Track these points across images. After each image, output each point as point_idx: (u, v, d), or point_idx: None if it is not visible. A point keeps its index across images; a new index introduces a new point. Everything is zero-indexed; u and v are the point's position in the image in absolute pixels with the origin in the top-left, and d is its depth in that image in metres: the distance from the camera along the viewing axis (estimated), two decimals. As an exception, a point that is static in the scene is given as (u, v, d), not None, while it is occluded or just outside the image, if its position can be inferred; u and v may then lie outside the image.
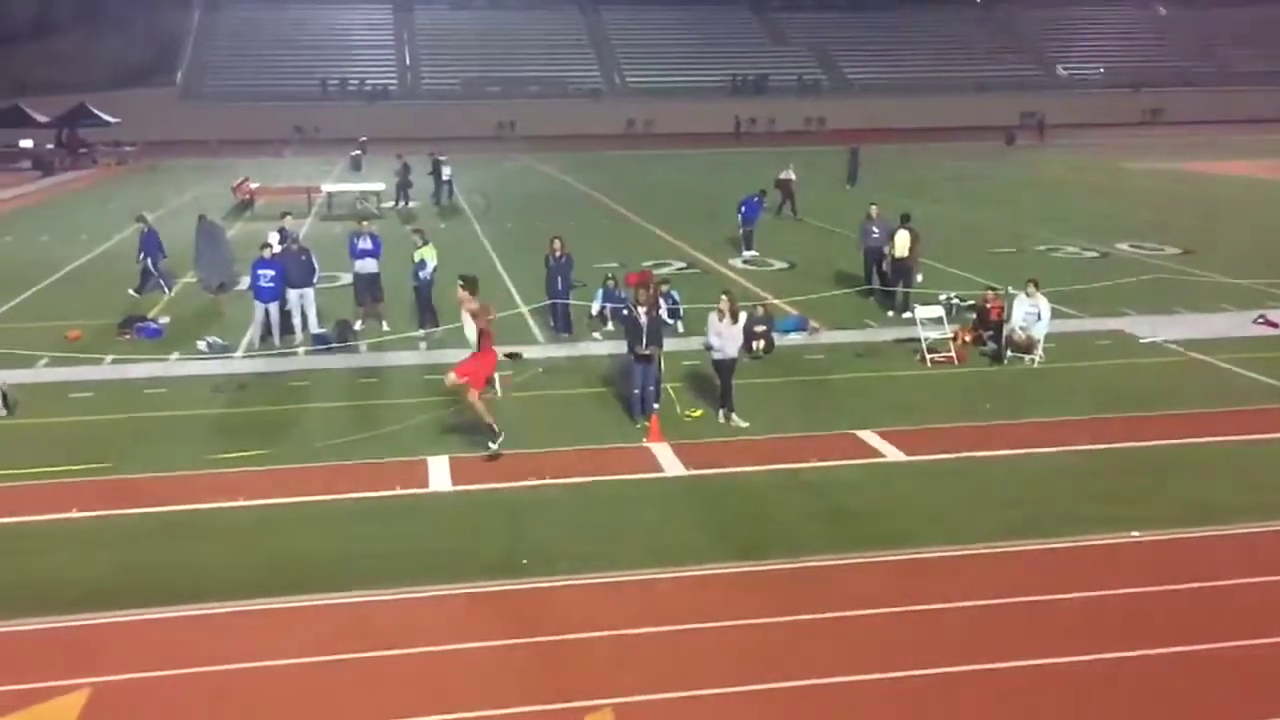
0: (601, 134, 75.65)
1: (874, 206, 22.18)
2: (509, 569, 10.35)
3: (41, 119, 60.65)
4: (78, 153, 58.87)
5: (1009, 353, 17.58)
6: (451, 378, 13.45)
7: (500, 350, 13.83)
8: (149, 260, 22.68)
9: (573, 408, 15.43)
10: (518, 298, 22.11)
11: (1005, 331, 17.75)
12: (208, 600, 9.69)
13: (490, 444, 13.21)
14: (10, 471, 12.83)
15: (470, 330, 13.53)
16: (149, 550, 10.83)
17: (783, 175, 34.98)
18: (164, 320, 20.33)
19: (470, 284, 13.67)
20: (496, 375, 14.18)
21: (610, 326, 19.37)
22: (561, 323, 19.33)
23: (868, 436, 14.00)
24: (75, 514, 11.65)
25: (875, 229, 21.72)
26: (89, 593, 9.83)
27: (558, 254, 19.21)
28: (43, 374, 17.03)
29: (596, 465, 13.07)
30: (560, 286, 19.19)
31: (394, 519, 11.61)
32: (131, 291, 22.46)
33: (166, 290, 22.78)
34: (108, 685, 8.32)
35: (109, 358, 17.93)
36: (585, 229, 31.17)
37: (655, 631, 9.22)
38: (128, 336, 19.37)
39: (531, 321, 20.11)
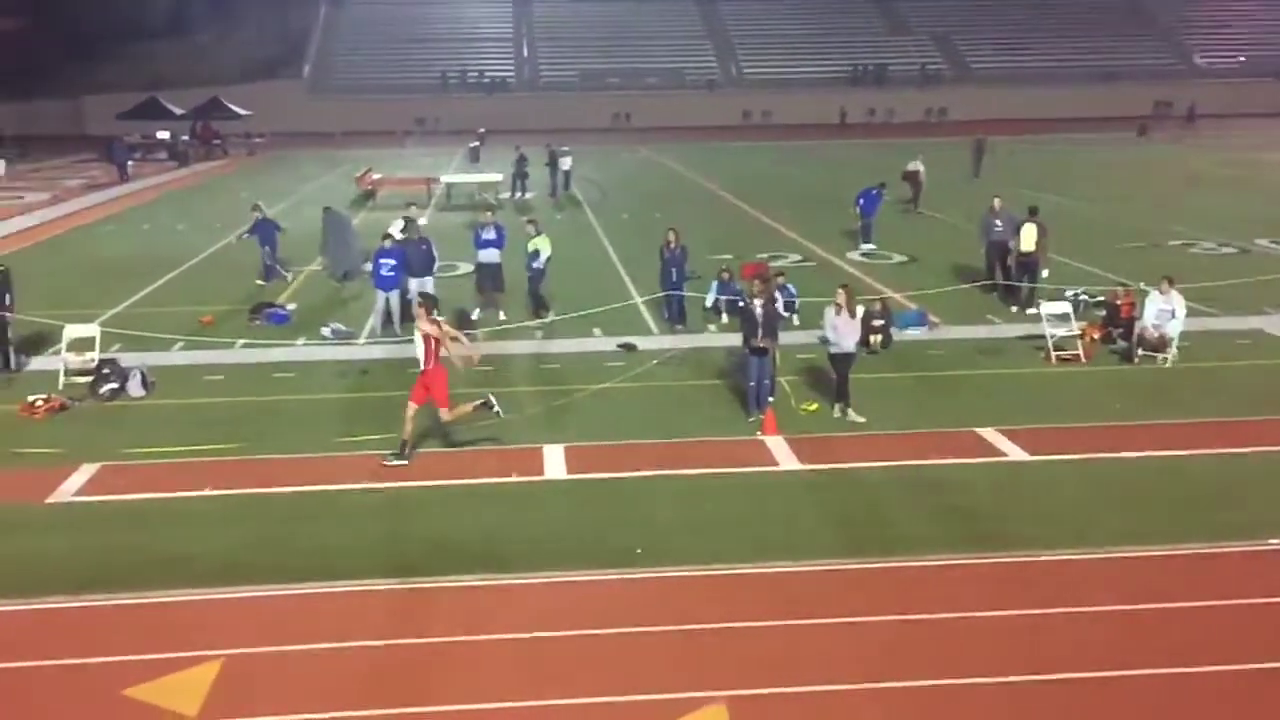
0: (717, 125, 75.38)
1: (997, 199, 21.62)
2: (622, 558, 10.39)
3: (177, 111, 63.15)
4: (210, 144, 61.07)
5: (1140, 351, 16.96)
6: (412, 408, 12.88)
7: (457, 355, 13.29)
8: (266, 248, 23.49)
9: (687, 399, 15.41)
10: (632, 289, 22.17)
11: (1136, 329, 17.14)
12: (334, 579, 9.95)
13: (391, 458, 12.78)
14: (149, 450, 13.38)
15: (420, 349, 12.94)
16: (277, 528, 11.18)
17: (910, 167, 34.19)
18: (291, 307, 20.95)
19: (430, 303, 13.28)
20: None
21: (725, 319, 19.30)
22: (676, 314, 19.32)
23: (990, 435, 13.66)
24: (209, 491, 12.09)
25: (998, 222, 21.16)
26: (221, 567, 10.19)
27: (673, 245, 19.21)
28: (178, 357, 17.71)
29: (710, 457, 13.03)
30: (675, 278, 19.18)
31: (511, 506, 11.76)
32: (259, 281, 23.23)
33: (284, 277, 23.48)
34: (238, 658, 8.62)
35: (239, 342, 18.55)
36: (700, 221, 31.09)
37: (767, 625, 9.16)
38: (257, 322, 20.03)
39: (646, 313, 20.15)
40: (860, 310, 15.36)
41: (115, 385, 15.66)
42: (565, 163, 39.95)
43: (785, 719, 7.92)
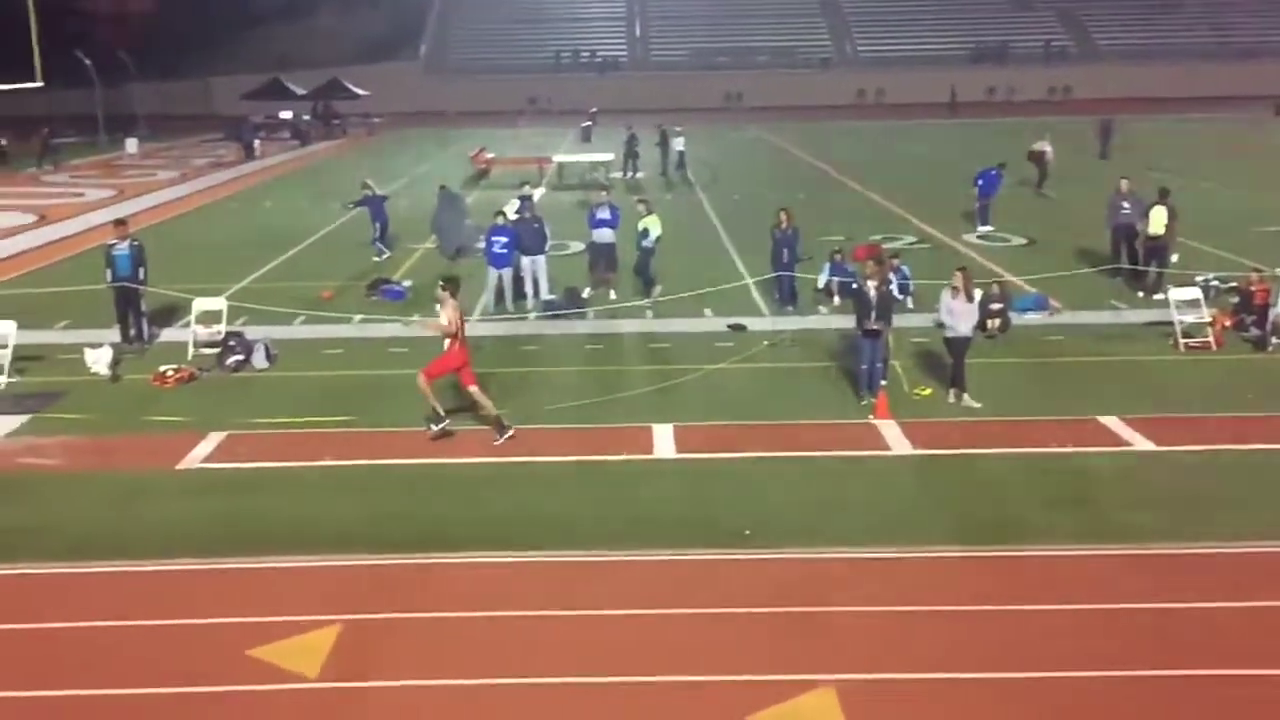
0: (830, 105, 74.34)
1: (1125, 181, 20.87)
2: (731, 539, 10.37)
3: (299, 92, 64.91)
4: (330, 124, 62.62)
5: (1275, 340, 16.23)
6: (474, 390, 13.08)
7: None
8: (376, 225, 24.00)
9: (797, 381, 15.28)
10: (743, 269, 22.05)
11: (1271, 317, 16.39)
12: (445, 549, 10.15)
13: (432, 425, 12.99)
14: (271, 419, 13.81)
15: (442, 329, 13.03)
16: (391, 499, 11.45)
17: (1036, 147, 33.08)
18: (407, 283, 21.35)
19: (453, 285, 13.28)
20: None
21: (836, 301, 19.06)
22: (787, 295, 19.15)
23: (1113, 423, 13.23)
24: (327, 461, 12.43)
25: (1126, 204, 20.43)
26: (340, 536, 10.48)
27: (784, 226, 19.02)
28: (299, 330, 18.23)
29: (821, 440, 12.91)
30: (786, 259, 19.00)
31: (620, 484, 11.83)
32: (376, 257, 23.75)
33: (381, 254, 23.96)
34: (356, 624, 8.85)
35: (357, 317, 19.00)
36: (812, 201, 30.74)
37: (877, 611, 9.05)
38: (374, 298, 20.49)
39: (756, 294, 20.02)
40: (978, 294, 15.01)
41: (240, 357, 16.20)
42: (679, 143, 39.85)
43: (894, 706, 7.82)
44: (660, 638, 8.69)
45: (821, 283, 19.55)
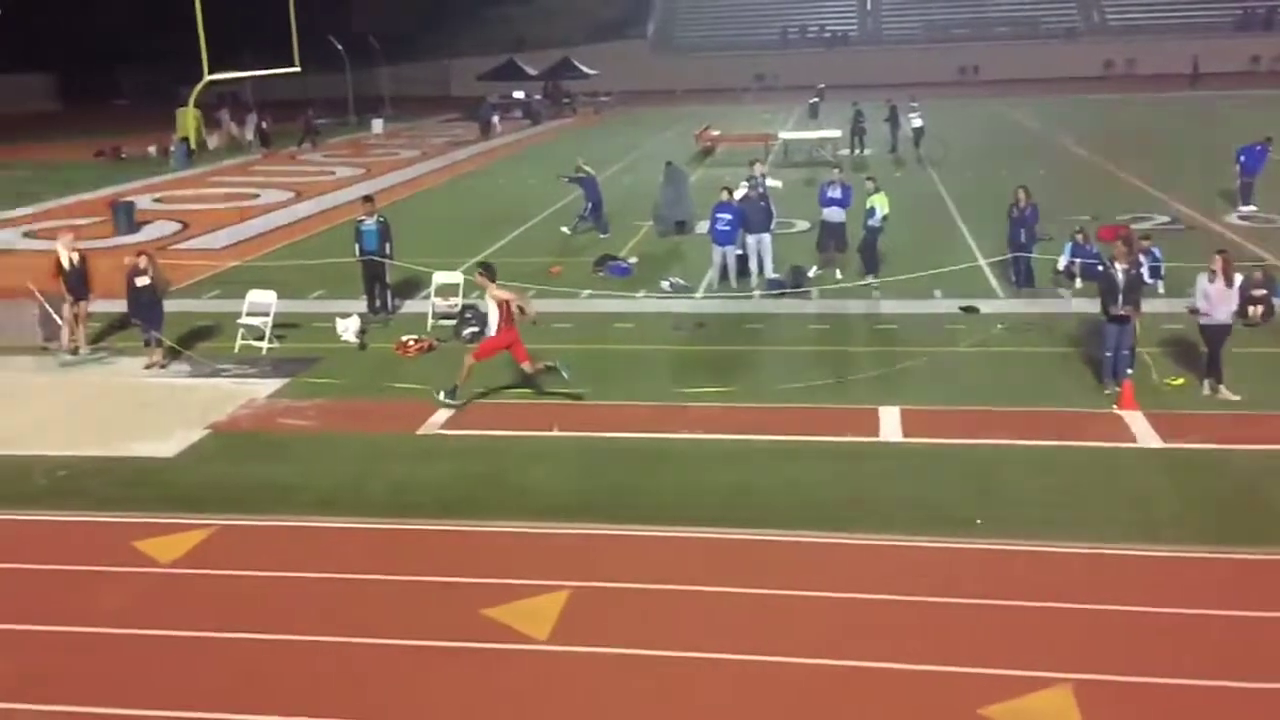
0: (1075, 77, 70.52)
1: None
2: (959, 527, 10.04)
3: (531, 72, 66.89)
4: (560, 103, 64.24)
5: None
6: (468, 360, 13.68)
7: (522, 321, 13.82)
8: (589, 203, 24.41)
9: (1035, 367, 14.61)
10: (976, 250, 21.25)
11: None
12: (669, 523, 10.26)
13: (441, 394, 13.50)
14: (502, 390, 14.31)
15: (493, 314, 13.75)
16: (616, 472, 11.66)
17: None
18: (632, 260, 21.68)
19: (489, 272, 13.99)
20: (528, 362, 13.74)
21: (1078, 284, 18.10)
22: (1023, 277, 18.32)
23: (1394, 423, 12.03)
24: (556, 432, 12.79)
25: None
26: (569, 504, 10.77)
27: (1022, 204, 18.18)
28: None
29: (1059, 429, 12.30)
30: (1024, 239, 18.16)
31: (845, 465, 11.63)
32: (601, 235, 24.22)
33: (578, 228, 24.42)
34: (585, 590, 9.08)
35: (585, 292, 19.43)
36: (1053, 178, 29.31)
37: (1117, 610, 8.56)
38: (600, 274, 20.90)
39: (990, 275, 19.25)
40: (1238, 279, 13.93)
41: (476, 329, 16.84)
42: (915, 120, 38.71)
43: (1132, 710, 7.39)
44: (886, 623, 8.51)
45: (1062, 264, 18.61)
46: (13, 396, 14.68)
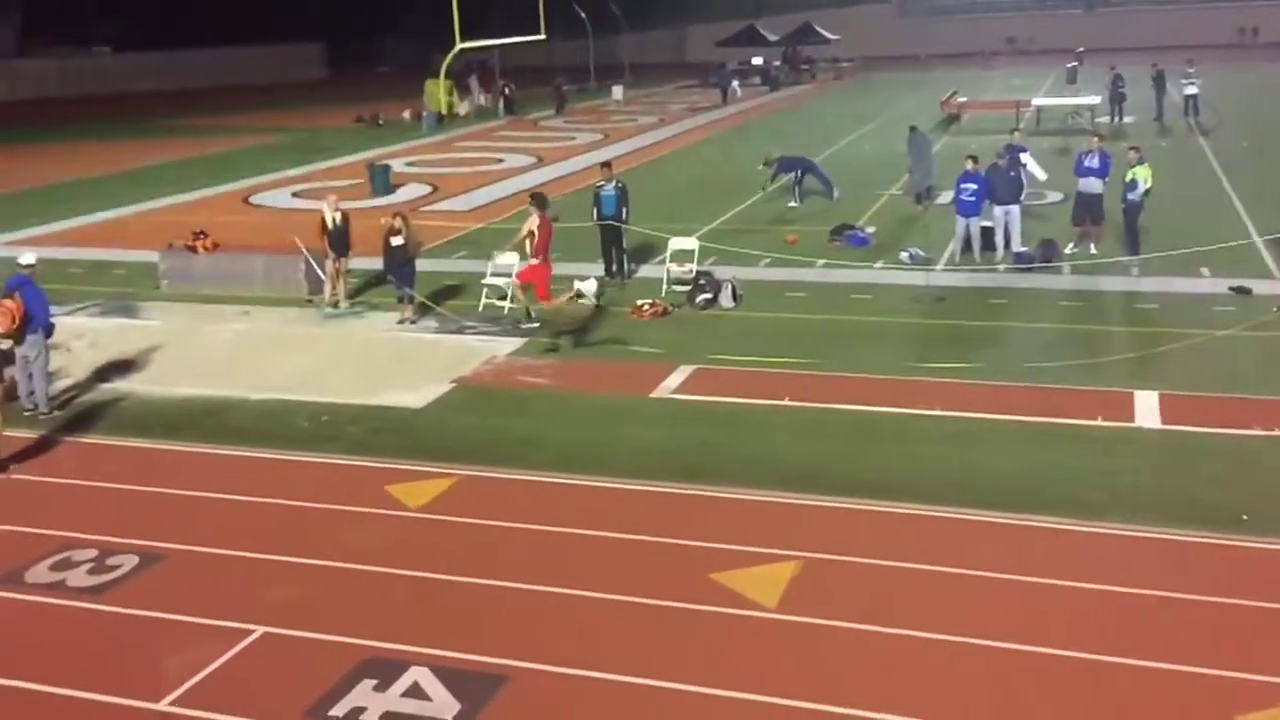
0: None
1: None
2: (1222, 522, 9.32)
3: (771, 38, 66.14)
4: (799, 69, 63.33)
5: None
6: (515, 284, 15.96)
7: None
8: (798, 170, 24.37)
9: (1315, 354, 13.39)
10: (1250, 226, 19.62)
11: None
12: (897, 499, 10.01)
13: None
14: (736, 357, 14.31)
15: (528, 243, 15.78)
16: (846, 444, 11.46)
17: None
18: (871, 230, 21.18)
19: (538, 201, 16.33)
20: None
21: (1371, 264, 16.44)
22: (1306, 256, 16.81)
23: None
24: (787, 401, 12.67)
25: None
26: (800, 474, 10.66)
27: (1309, 176, 16.62)
28: (765, 273, 18.68)
29: (1344, 424, 11.22)
30: (1309, 214, 16.63)
31: (1093, 450, 11.01)
32: (792, 204, 23.80)
33: (799, 201, 24.15)
34: (815, 561, 8.97)
35: (820, 262, 19.13)
36: (1343, 149, 26.67)
37: None
38: (837, 243, 20.52)
39: (1266, 253, 17.74)
40: None
41: (709, 295, 16.91)
42: (1190, 87, 35.98)
43: None
44: (1134, 619, 8.02)
45: (1352, 243, 16.95)
46: (283, 345, 15.82)
